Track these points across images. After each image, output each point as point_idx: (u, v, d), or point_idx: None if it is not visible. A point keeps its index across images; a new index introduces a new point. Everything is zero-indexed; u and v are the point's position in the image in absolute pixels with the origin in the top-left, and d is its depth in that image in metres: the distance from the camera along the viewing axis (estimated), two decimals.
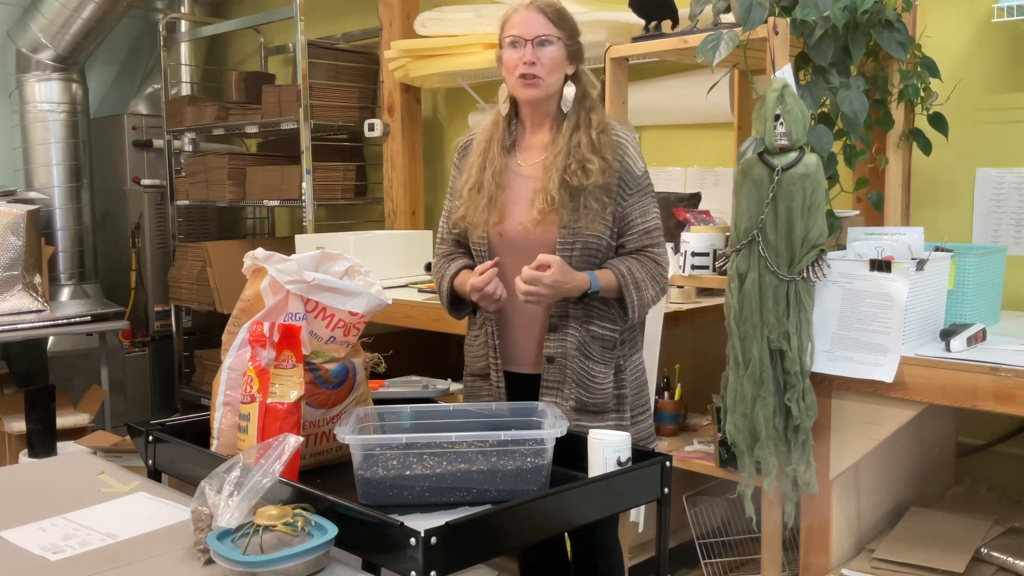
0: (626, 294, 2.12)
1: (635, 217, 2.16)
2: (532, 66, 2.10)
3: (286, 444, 1.58)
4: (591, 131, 2.13)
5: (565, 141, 2.12)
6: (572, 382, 2.15)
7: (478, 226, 2.17)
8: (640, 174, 2.17)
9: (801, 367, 2.24)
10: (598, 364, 2.16)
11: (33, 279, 4.45)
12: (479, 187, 2.18)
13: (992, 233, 2.87)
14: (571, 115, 2.15)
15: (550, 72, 2.12)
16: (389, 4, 4.34)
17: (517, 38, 2.11)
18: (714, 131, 3.52)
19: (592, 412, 2.16)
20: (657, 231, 2.18)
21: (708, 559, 2.96)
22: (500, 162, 2.19)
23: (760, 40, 2.36)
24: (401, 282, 3.71)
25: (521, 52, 2.11)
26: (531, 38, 2.10)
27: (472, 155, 2.24)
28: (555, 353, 2.16)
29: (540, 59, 2.10)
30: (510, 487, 1.69)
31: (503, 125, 2.22)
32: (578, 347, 2.15)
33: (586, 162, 2.09)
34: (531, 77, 2.11)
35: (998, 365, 2.07)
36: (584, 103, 2.17)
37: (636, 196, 2.16)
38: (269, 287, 1.89)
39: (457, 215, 2.23)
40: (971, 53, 2.89)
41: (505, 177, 2.18)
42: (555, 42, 2.11)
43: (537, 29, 2.10)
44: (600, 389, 2.17)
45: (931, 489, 2.76)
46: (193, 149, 5.46)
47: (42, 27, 4.88)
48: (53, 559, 1.52)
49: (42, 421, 3.40)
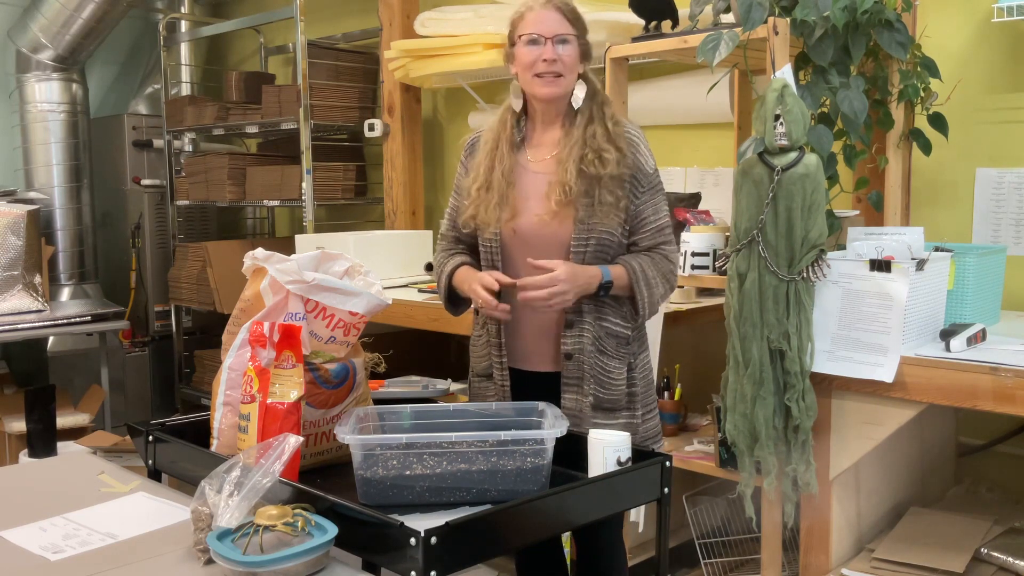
0: (637, 291, 2.12)
1: (648, 215, 2.16)
2: (554, 64, 2.10)
3: (286, 444, 1.58)
4: (606, 122, 2.14)
5: (580, 133, 2.13)
6: (590, 378, 2.14)
7: (490, 224, 2.16)
8: (652, 172, 2.17)
9: (801, 367, 2.24)
10: (613, 360, 2.16)
11: (33, 279, 4.45)
12: (488, 185, 2.17)
13: (992, 233, 2.87)
14: (583, 110, 2.16)
15: (570, 70, 2.13)
16: (389, 4, 4.33)
17: (536, 36, 2.11)
18: (714, 131, 3.52)
19: (607, 409, 2.15)
20: (668, 229, 2.20)
21: (708, 559, 2.96)
22: (510, 159, 2.18)
23: (760, 40, 2.36)
24: (401, 282, 3.71)
25: (540, 50, 2.10)
26: (551, 36, 2.10)
27: (479, 154, 2.23)
28: (573, 349, 2.15)
29: (561, 57, 2.10)
30: (510, 487, 1.69)
31: (511, 122, 2.21)
32: (594, 343, 2.14)
33: (602, 151, 2.09)
34: (552, 75, 2.11)
35: (998, 365, 2.07)
36: (596, 98, 2.18)
37: (649, 194, 2.17)
38: (269, 287, 1.89)
39: (466, 215, 2.21)
40: (971, 53, 2.89)
41: (515, 174, 2.18)
42: (572, 40, 2.12)
43: (556, 27, 2.10)
44: (615, 386, 2.16)
45: (931, 489, 2.76)
46: (193, 149, 5.46)
47: (42, 27, 4.88)
48: (53, 559, 1.52)
49: (42, 421, 3.40)
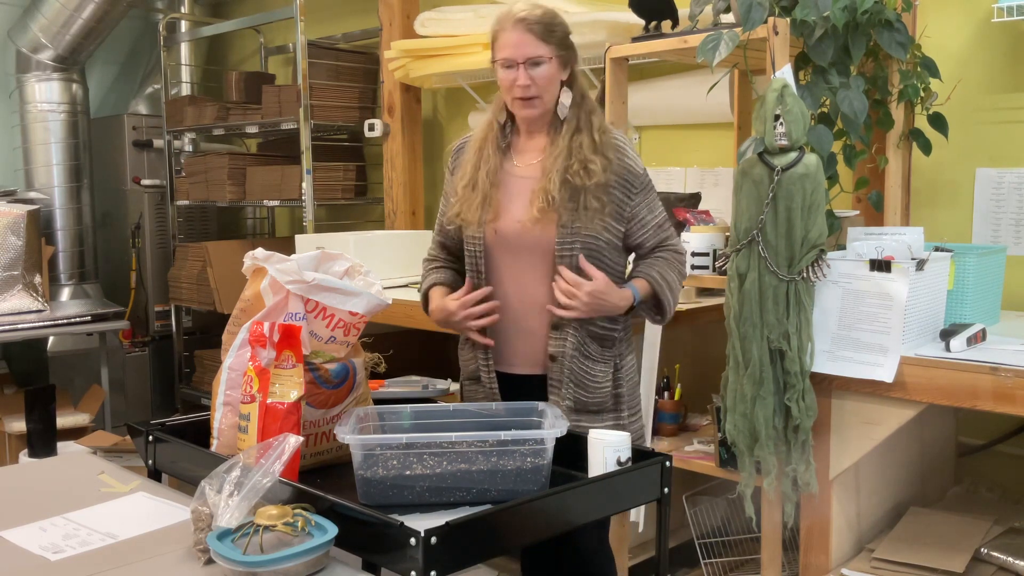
0: (663, 298, 2.17)
1: (645, 215, 2.18)
2: (528, 88, 2.10)
3: (286, 444, 1.58)
4: (593, 132, 2.13)
5: (566, 143, 2.12)
6: (570, 382, 2.15)
7: (472, 223, 2.17)
8: (642, 172, 2.19)
9: (801, 367, 2.24)
10: (596, 363, 2.17)
11: (33, 279, 4.45)
12: (473, 184, 2.18)
13: (992, 233, 2.87)
14: (570, 118, 2.15)
15: (545, 90, 2.12)
16: (389, 4, 4.33)
17: (509, 60, 2.10)
18: (714, 131, 3.52)
19: (592, 412, 2.17)
20: (667, 223, 2.23)
21: (708, 559, 2.96)
22: (495, 161, 2.19)
23: (760, 40, 2.36)
24: (401, 282, 3.71)
25: (515, 73, 2.09)
26: (523, 60, 2.08)
27: (467, 153, 2.24)
28: (557, 352, 2.16)
29: (535, 80, 2.09)
30: (510, 487, 1.69)
31: (497, 128, 2.22)
32: (576, 347, 2.15)
33: (588, 162, 2.09)
34: (528, 98, 2.11)
35: (998, 365, 2.07)
36: (583, 105, 2.17)
37: (642, 195, 2.18)
38: (269, 287, 1.89)
39: (451, 212, 2.22)
40: (971, 53, 2.89)
41: (500, 176, 2.19)
42: (547, 60, 2.10)
43: (528, 50, 2.08)
44: (599, 388, 2.17)
45: (931, 489, 2.76)
46: (193, 149, 5.46)
47: (42, 27, 4.88)
48: (53, 559, 1.52)
49: (42, 421, 3.40)
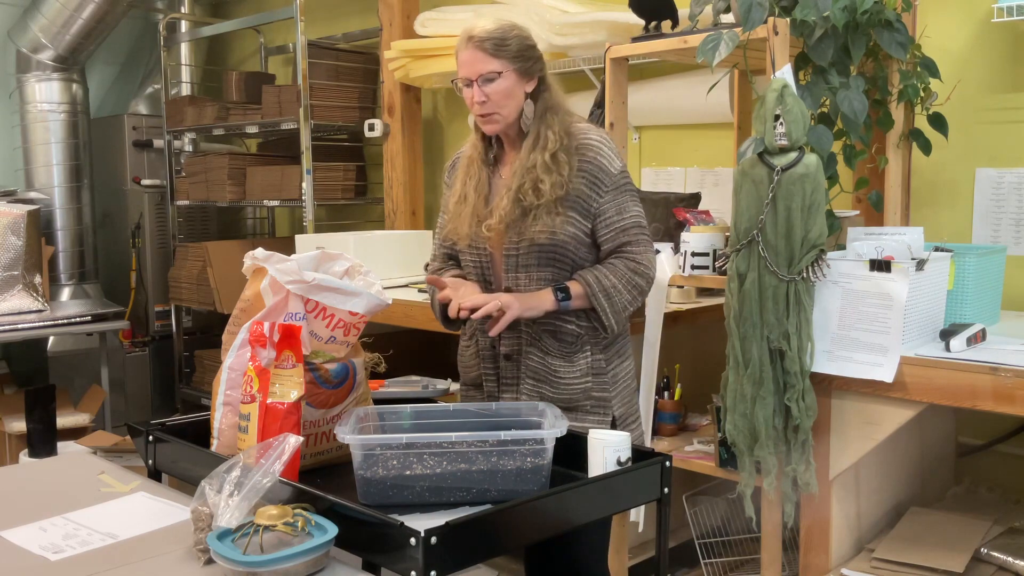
0: (595, 303, 2.12)
1: (611, 214, 2.14)
2: (484, 104, 2.12)
3: (286, 444, 1.58)
4: (546, 152, 2.11)
5: (523, 161, 2.13)
6: (528, 377, 2.18)
7: (463, 237, 2.21)
8: (616, 172, 2.15)
9: (801, 367, 2.24)
10: (556, 359, 2.17)
11: (33, 279, 4.45)
12: (464, 198, 2.22)
13: (992, 233, 2.87)
14: (530, 134, 2.15)
15: (503, 105, 2.12)
16: (389, 4, 4.33)
17: (464, 79, 2.13)
18: (714, 131, 3.52)
19: (565, 409, 2.12)
20: (636, 229, 2.15)
21: (708, 559, 2.96)
22: (481, 174, 2.22)
23: (760, 40, 2.36)
24: (401, 282, 3.71)
25: (472, 91, 2.12)
26: (475, 78, 2.11)
27: (459, 169, 2.28)
28: (511, 350, 2.20)
29: (489, 96, 2.11)
30: (510, 487, 1.69)
31: (483, 143, 2.24)
32: (532, 343, 2.18)
33: (538, 183, 2.09)
34: (486, 115, 2.13)
35: (998, 365, 2.07)
36: (544, 118, 2.15)
37: (612, 193, 2.14)
38: (269, 287, 1.89)
39: (447, 228, 2.27)
40: (971, 53, 2.89)
41: (487, 189, 2.22)
42: (500, 75, 2.11)
43: (480, 67, 2.10)
44: (565, 385, 2.17)
45: (931, 489, 2.76)
46: (193, 149, 5.46)
47: (42, 27, 4.88)
48: (53, 559, 1.52)
49: (42, 421, 3.40)
